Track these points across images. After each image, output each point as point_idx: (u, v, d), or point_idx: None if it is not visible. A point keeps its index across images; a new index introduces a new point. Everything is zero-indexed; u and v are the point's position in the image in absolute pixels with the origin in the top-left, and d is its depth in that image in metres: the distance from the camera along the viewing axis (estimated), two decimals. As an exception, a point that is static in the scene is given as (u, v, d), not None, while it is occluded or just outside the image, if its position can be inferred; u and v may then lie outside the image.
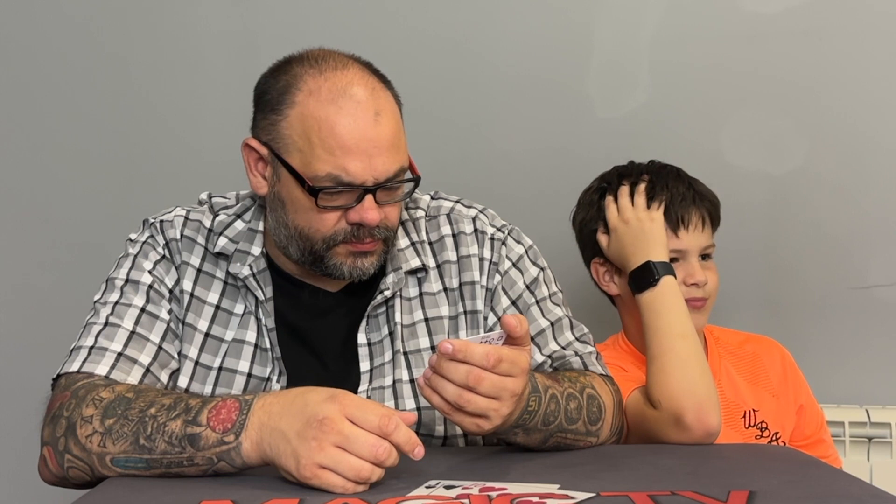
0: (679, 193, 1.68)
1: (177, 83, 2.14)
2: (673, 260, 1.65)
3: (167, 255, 1.43)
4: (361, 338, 1.41)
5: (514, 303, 1.46)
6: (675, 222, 1.66)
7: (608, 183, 1.72)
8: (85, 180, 2.15)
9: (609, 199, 1.69)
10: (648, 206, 1.65)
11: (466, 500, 1.05)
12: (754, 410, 1.71)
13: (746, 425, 1.70)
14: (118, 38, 2.14)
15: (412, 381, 1.40)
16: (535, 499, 1.05)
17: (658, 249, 1.62)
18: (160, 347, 1.37)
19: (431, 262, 1.47)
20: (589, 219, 1.73)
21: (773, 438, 1.70)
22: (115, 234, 1.57)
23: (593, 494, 1.07)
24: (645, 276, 1.60)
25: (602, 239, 1.69)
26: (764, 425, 1.70)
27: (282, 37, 1.90)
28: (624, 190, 1.68)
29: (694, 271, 1.67)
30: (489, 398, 1.15)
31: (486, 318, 1.45)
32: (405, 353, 1.42)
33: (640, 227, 1.64)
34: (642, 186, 1.67)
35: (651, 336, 1.56)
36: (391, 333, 1.42)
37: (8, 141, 2.16)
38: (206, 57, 2.13)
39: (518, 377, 1.17)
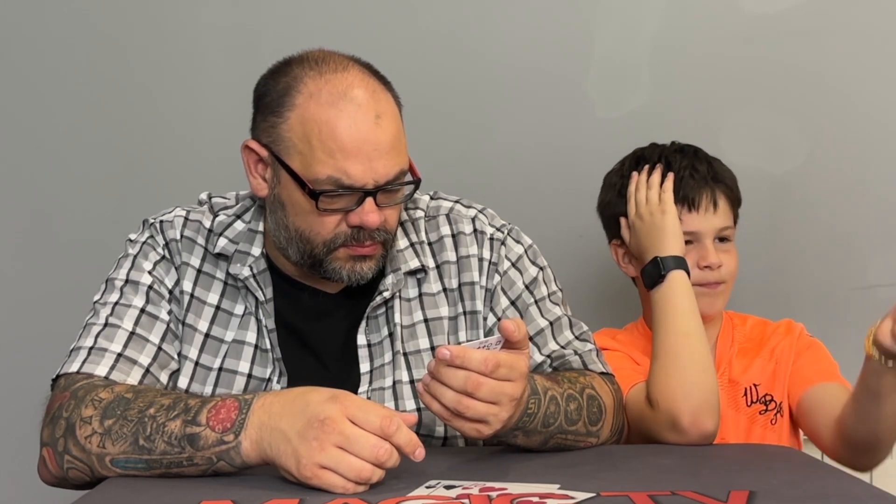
0: (688, 174, 1.66)
1: (177, 83, 2.14)
2: (687, 243, 1.63)
3: (167, 255, 1.43)
4: (361, 339, 1.41)
5: (513, 303, 1.46)
6: (683, 204, 1.65)
7: (627, 165, 1.72)
8: (85, 180, 2.14)
9: (629, 192, 1.67)
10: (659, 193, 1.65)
11: (466, 500, 1.06)
12: (755, 385, 1.69)
13: (749, 402, 1.68)
14: (118, 38, 2.14)
15: (412, 382, 1.40)
16: (535, 499, 1.06)
17: (670, 243, 1.60)
18: (160, 348, 1.37)
19: (431, 263, 1.47)
20: (608, 201, 1.73)
21: (779, 410, 1.68)
22: (115, 235, 1.57)
23: (593, 494, 1.07)
24: (653, 273, 1.59)
25: (625, 234, 1.69)
26: (768, 398, 1.68)
27: (282, 37, 1.90)
28: (635, 184, 1.67)
29: (707, 253, 1.65)
30: (488, 403, 1.15)
31: (485, 319, 1.45)
32: (405, 354, 1.42)
33: (652, 221, 1.63)
34: (655, 178, 1.66)
35: (656, 334, 1.56)
36: (391, 334, 1.42)
37: (7, 140, 2.16)
38: (207, 57, 2.13)
39: (517, 381, 1.17)
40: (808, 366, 1.69)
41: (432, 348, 1.41)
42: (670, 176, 1.66)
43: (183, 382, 1.38)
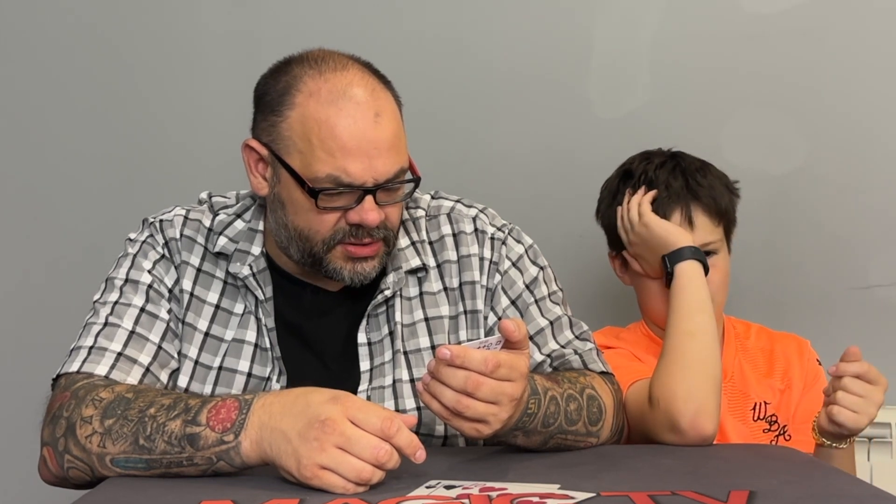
0: (663, 189, 1.66)
1: (177, 83, 2.14)
2: None
3: (167, 254, 1.43)
4: (361, 337, 1.41)
5: (513, 302, 1.46)
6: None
7: (618, 178, 1.74)
8: (85, 180, 2.15)
9: (619, 228, 1.69)
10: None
11: (466, 500, 1.06)
12: (765, 403, 1.69)
13: (755, 418, 1.68)
14: (118, 38, 2.14)
15: (412, 380, 1.40)
16: (536, 499, 1.06)
17: (670, 240, 1.60)
18: (160, 347, 1.37)
19: (432, 262, 1.47)
20: (602, 212, 1.76)
21: (781, 432, 1.68)
22: (115, 234, 1.57)
23: (593, 494, 1.07)
24: (665, 273, 1.60)
25: (637, 268, 1.69)
26: (773, 419, 1.68)
27: (282, 37, 1.90)
28: (619, 220, 1.69)
29: None
30: (488, 403, 1.15)
31: (486, 318, 1.46)
32: (405, 353, 1.42)
33: (642, 238, 1.64)
34: (633, 199, 1.67)
35: (666, 332, 1.55)
36: (391, 333, 1.42)
37: (8, 140, 2.16)
38: (207, 57, 2.13)
39: (517, 381, 1.17)
40: (809, 410, 1.69)
41: (433, 347, 1.41)
42: (642, 190, 1.67)
43: (183, 381, 1.38)
